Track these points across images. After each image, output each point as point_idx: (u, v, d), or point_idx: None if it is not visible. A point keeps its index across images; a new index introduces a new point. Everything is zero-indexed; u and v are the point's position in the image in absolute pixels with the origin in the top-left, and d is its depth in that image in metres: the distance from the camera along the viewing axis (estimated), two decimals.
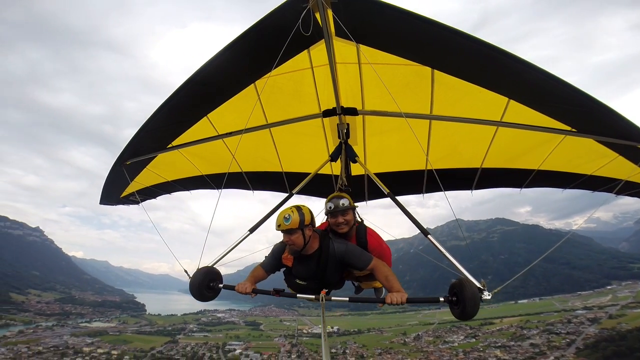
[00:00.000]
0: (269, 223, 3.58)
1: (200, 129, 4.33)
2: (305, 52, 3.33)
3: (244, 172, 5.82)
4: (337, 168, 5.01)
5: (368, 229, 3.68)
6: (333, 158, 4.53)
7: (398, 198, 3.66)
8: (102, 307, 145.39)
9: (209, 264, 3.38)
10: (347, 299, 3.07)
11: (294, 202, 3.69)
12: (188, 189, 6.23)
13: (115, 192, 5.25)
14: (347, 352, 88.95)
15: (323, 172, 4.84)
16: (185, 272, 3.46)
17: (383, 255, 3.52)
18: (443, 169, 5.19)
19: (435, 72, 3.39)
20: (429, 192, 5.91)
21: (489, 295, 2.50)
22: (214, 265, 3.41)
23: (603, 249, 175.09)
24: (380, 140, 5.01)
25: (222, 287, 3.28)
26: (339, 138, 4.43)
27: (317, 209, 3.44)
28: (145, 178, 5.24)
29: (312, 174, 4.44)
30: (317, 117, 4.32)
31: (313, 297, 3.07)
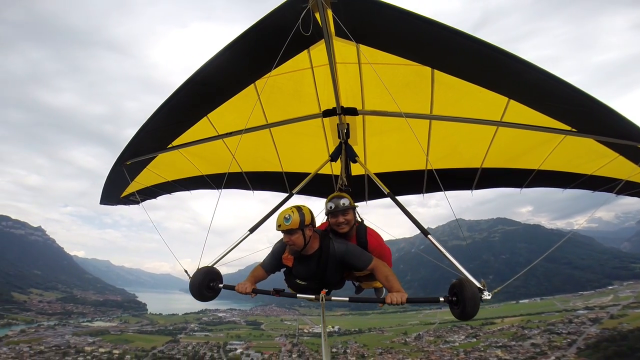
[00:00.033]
0: (270, 223, 3.58)
1: (200, 129, 4.33)
2: (305, 52, 3.32)
3: (244, 172, 5.82)
4: (337, 168, 5.01)
5: (368, 229, 3.68)
6: (333, 158, 4.53)
7: (398, 198, 3.67)
8: (103, 306, 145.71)
9: (209, 264, 3.39)
10: (347, 299, 3.08)
11: (294, 202, 3.70)
12: (188, 189, 6.23)
13: (116, 192, 5.26)
14: (348, 351, 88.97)
15: (323, 172, 4.84)
16: (186, 272, 3.47)
17: (383, 255, 3.53)
18: (443, 169, 5.18)
19: (435, 72, 3.39)
20: (429, 192, 5.91)
21: (489, 295, 2.51)
22: (214, 265, 3.42)
23: (605, 249, 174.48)
24: (380, 140, 5.00)
25: (222, 287, 3.29)
26: (339, 138, 4.43)
27: (317, 209, 3.44)
28: (146, 178, 5.24)
29: (312, 174, 4.44)
30: (317, 117, 4.32)
31: (313, 297, 3.08)
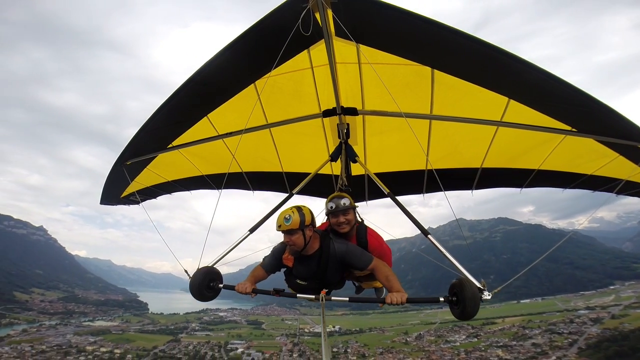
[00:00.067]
0: (270, 223, 3.57)
1: (201, 129, 4.33)
2: (305, 52, 3.33)
3: (244, 172, 5.82)
4: (337, 168, 5.00)
5: (368, 229, 3.68)
6: (333, 158, 4.53)
7: (398, 198, 3.67)
8: (105, 306, 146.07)
9: (209, 264, 3.40)
10: (347, 299, 3.08)
11: (295, 202, 3.70)
12: (188, 189, 6.23)
13: (116, 192, 5.27)
14: (348, 351, 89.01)
15: (323, 172, 4.84)
16: (186, 272, 3.47)
17: (383, 255, 3.52)
18: (443, 169, 5.17)
19: (435, 72, 3.38)
20: (430, 192, 5.90)
21: (489, 295, 2.50)
22: (214, 265, 3.43)
23: (606, 249, 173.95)
24: (381, 140, 5.00)
25: (222, 287, 3.29)
26: (339, 138, 4.43)
27: (317, 209, 3.45)
28: (146, 178, 5.25)
29: (312, 174, 4.44)
30: (317, 117, 4.32)
31: (313, 297, 3.08)
